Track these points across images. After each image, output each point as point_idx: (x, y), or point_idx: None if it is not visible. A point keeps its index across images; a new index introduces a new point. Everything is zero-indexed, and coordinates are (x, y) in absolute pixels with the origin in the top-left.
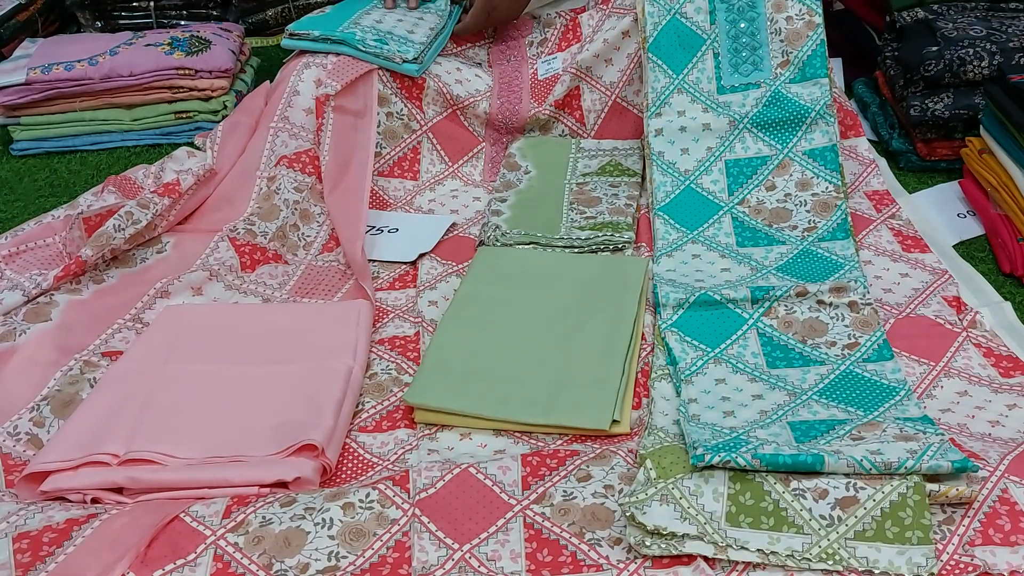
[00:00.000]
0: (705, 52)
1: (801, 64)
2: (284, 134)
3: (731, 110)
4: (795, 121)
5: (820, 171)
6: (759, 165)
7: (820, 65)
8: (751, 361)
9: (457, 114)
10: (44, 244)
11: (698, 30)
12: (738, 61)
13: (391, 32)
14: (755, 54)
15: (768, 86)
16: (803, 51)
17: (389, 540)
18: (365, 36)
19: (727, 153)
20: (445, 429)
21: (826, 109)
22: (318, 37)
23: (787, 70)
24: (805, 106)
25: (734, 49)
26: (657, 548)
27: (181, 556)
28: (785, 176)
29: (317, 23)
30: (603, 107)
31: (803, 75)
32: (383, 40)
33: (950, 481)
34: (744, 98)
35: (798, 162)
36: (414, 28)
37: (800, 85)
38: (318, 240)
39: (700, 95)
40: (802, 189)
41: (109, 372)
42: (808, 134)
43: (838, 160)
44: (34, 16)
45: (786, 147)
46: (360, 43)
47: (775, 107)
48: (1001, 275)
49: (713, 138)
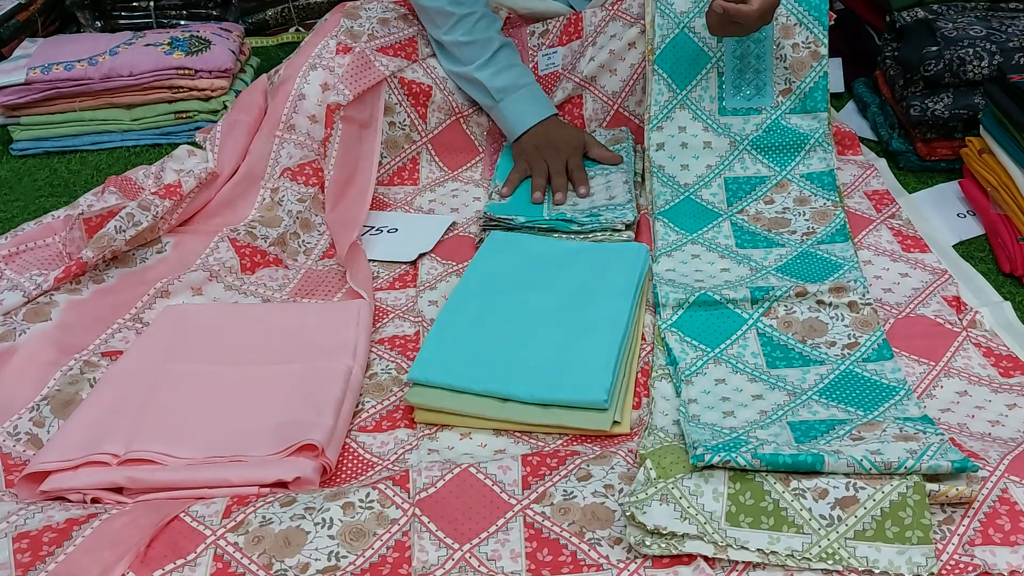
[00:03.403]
0: (710, 71)
1: (803, 96)
2: (290, 144)
3: (731, 131)
4: (794, 147)
5: (818, 191)
6: (758, 183)
7: (821, 99)
8: (751, 361)
9: (460, 123)
10: (44, 244)
11: (705, 47)
12: (741, 83)
13: (594, 206)
14: (759, 78)
15: (768, 114)
16: (806, 83)
17: (389, 540)
18: (576, 215)
19: (726, 171)
20: (445, 429)
21: (824, 138)
22: (524, 224)
23: (788, 99)
24: (804, 134)
25: (739, 70)
26: (657, 548)
27: (181, 556)
28: (783, 193)
29: (515, 208)
30: (605, 116)
31: (803, 107)
32: (595, 214)
33: (950, 481)
34: (745, 122)
35: (796, 183)
36: (611, 192)
37: (799, 116)
38: (318, 247)
39: (702, 114)
40: (800, 204)
41: (109, 372)
42: (806, 160)
43: (835, 184)
44: (34, 16)
45: (784, 169)
46: (575, 221)
47: (774, 134)
48: (1001, 275)
49: (713, 156)
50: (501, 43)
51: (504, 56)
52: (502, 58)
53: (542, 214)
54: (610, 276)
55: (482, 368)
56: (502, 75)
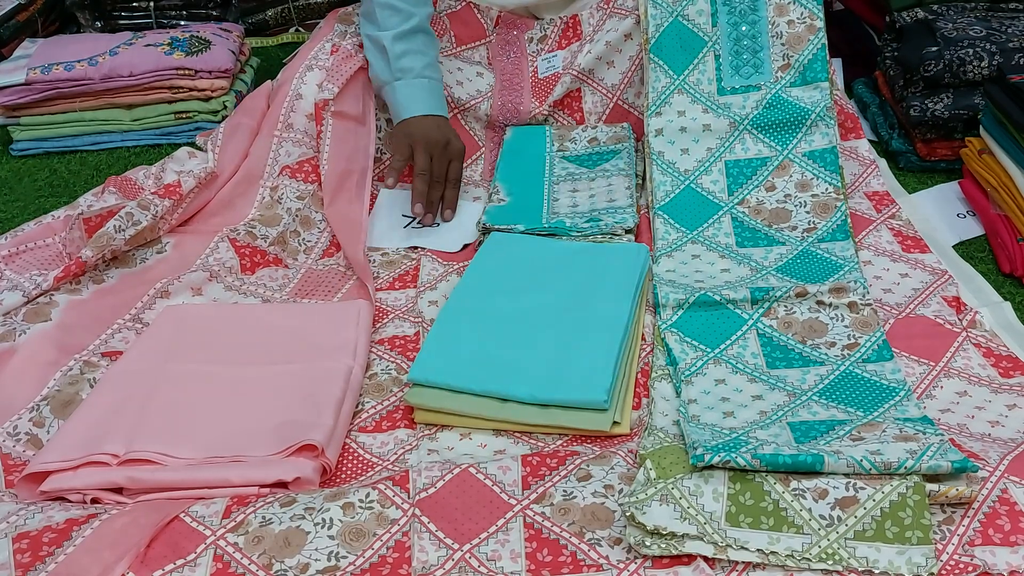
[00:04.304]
0: (706, 54)
1: (802, 68)
2: (288, 143)
3: (731, 111)
4: (795, 123)
5: (820, 172)
6: (759, 166)
7: (821, 69)
8: (751, 362)
9: (458, 118)
10: (44, 244)
11: (700, 32)
12: (739, 63)
13: (594, 208)
14: (756, 57)
15: (768, 89)
16: (804, 55)
17: (389, 540)
18: (576, 221)
19: (727, 154)
20: (445, 429)
21: (826, 112)
22: (526, 231)
23: (788, 73)
24: (805, 109)
25: (735, 52)
26: (657, 548)
27: (181, 556)
28: (785, 177)
29: (513, 216)
30: (604, 109)
31: (803, 79)
32: (595, 219)
33: (950, 481)
34: (744, 100)
35: (798, 163)
36: (611, 195)
37: (800, 89)
38: (318, 246)
39: (700, 96)
40: (802, 190)
41: (109, 372)
42: (808, 136)
43: (838, 162)
44: (34, 16)
45: (786, 148)
46: (574, 228)
47: (775, 109)
48: (1001, 275)
49: (713, 139)
50: (425, 29)
51: (422, 42)
52: (419, 42)
53: (541, 221)
54: (610, 276)
55: (482, 368)
56: (412, 57)
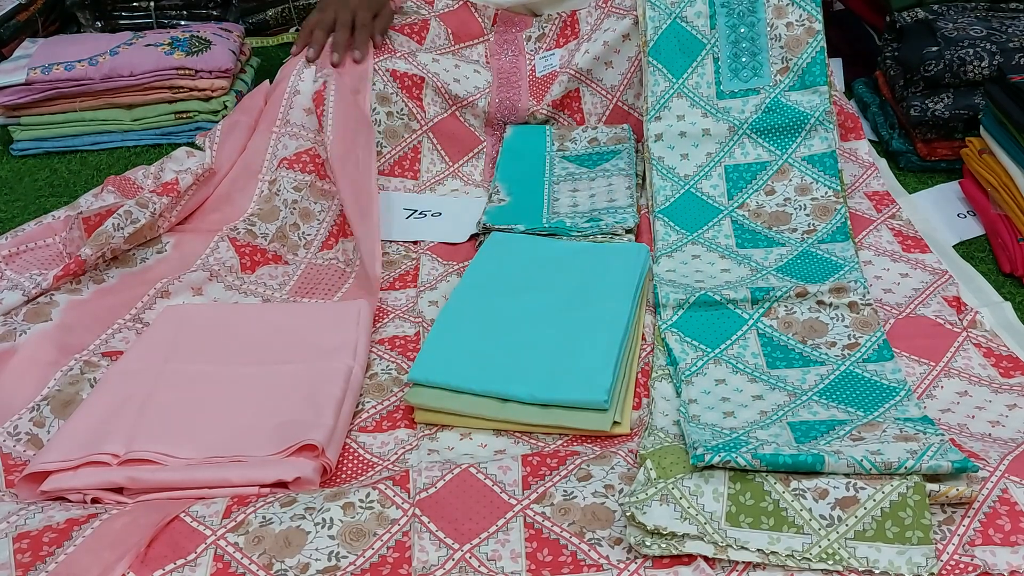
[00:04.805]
0: (705, 57)
1: (800, 72)
2: (286, 137)
3: (730, 116)
4: (794, 127)
5: (819, 176)
6: (758, 170)
7: (819, 73)
8: (751, 362)
9: (456, 114)
10: (44, 244)
11: (698, 34)
12: (738, 66)
13: (594, 208)
14: (755, 60)
15: (767, 93)
16: (803, 58)
17: (389, 540)
18: (576, 221)
19: (726, 158)
20: (445, 429)
21: (825, 116)
22: (526, 231)
23: (786, 77)
24: (804, 113)
25: (734, 54)
26: (657, 548)
27: (181, 556)
28: (784, 181)
29: (513, 216)
30: (604, 110)
31: (802, 83)
32: (596, 219)
33: (950, 481)
34: (744, 104)
35: (797, 167)
36: (611, 195)
37: (799, 93)
38: (318, 238)
39: (699, 100)
40: (801, 194)
41: (109, 372)
42: (807, 140)
43: (837, 166)
44: (34, 16)
45: (785, 152)
46: (574, 228)
47: (774, 114)
48: (1001, 275)
49: (712, 143)
50: None
51: None
52: None
53: (541, 221)
54: (610, 276)
55: (482, 368)
56: None
